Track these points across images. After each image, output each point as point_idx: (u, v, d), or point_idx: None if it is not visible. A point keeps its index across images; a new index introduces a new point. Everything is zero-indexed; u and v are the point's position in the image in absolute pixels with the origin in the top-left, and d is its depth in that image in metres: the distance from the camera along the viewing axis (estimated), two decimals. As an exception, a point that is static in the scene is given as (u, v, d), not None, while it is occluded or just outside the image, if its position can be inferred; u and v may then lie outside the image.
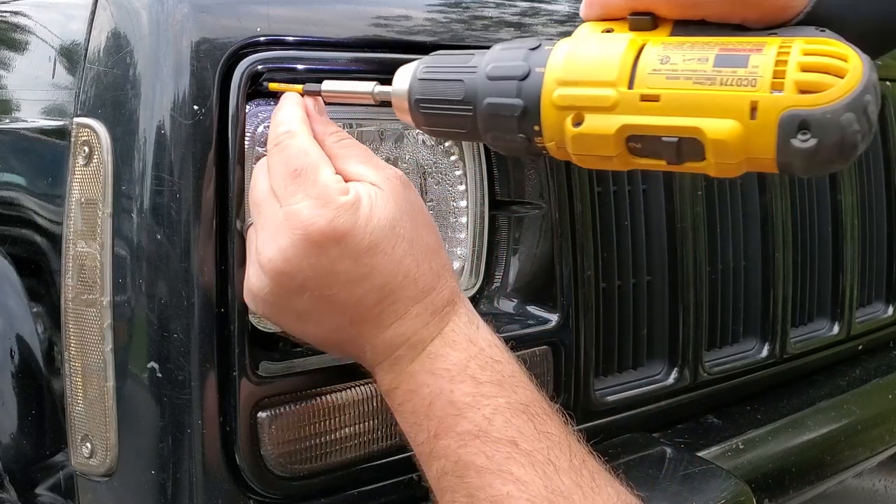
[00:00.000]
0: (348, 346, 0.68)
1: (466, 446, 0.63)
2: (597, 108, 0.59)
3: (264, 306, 0.67)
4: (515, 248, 0.90)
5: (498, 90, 0.63)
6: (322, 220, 0.63)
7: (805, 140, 0.52)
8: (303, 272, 0.64)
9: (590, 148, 0.61)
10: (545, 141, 0.63)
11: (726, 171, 0.57)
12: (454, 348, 0.66)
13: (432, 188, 0.86)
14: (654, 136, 0.58)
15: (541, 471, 0.61)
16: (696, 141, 0.56)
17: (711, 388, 1.06)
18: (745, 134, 0.54)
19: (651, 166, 0.60)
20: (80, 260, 0.72)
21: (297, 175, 0.64)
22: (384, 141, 0.83)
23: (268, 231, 0.65)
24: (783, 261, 1.13)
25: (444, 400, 0.64)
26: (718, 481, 0.89)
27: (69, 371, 0.73)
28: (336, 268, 0.64)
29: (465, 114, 0.65)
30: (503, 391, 0.65)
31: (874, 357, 1.34)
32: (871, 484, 1.27)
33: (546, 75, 0.61)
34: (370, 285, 0.65)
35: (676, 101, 0.56)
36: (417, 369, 0.66)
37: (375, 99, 0.70)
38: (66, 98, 0.77)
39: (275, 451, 0.71)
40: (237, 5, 0.72)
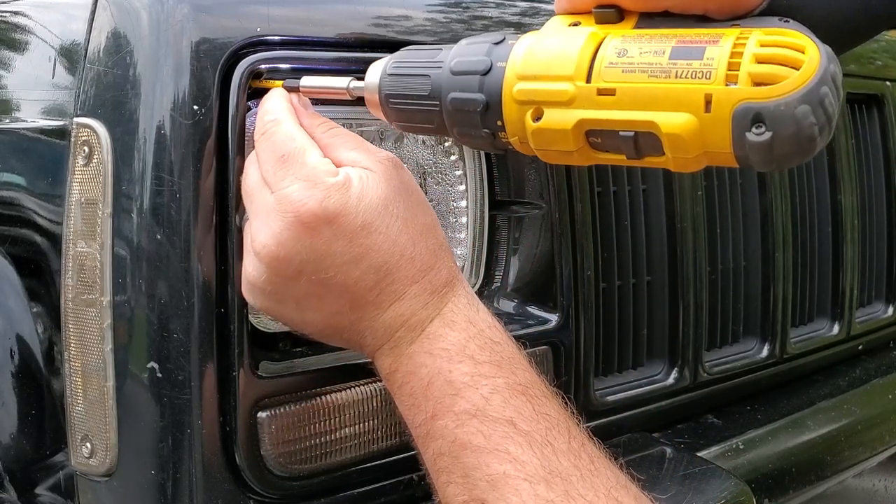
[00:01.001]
0: (349, 332, 0.68)
1: (463, 426, 0.62)
2: (555, 103, 0.59)
3: (262, 297, 0.67)
4: (515, 248, 0.90)
5: (461, 85, 0.63)
6: (312, 200, 0.63)
7: (760, 133, 0.51)
8: (298, 255, 0.63)
9: (550, 143, 0.60)
10: (508, 136, 0.62)
11: (685, 165, 0.56)
12: (453, 329, 0.66)
13: (432, 188, 0.86)
14: (612, 130, 0.57)
15: (538, 451, 0.61)
16: (653, 135, 0.55)
17: (711, 388, 1.06)
18: (700, 128, 0.53)
19: (612, 161, 0.60)
20: (80, 260, 0.72)
21: (285, 160, 0.65)
22: (384, 141, 0.83)
23: (260, 218, 0.65)
24: (783, 261, 1.13)
25: (442, 380, 0.64)
26: (718, 481, 0.89)
27: (69, 371, 0.73)
28: (331, 249, 0.63)
29: (431, 109, 0.65)
30: (502, 372, 0.65)
31: (874, 357, 1.34)
32: (871, 484, 1.27)
33: (507, 70, 0.61)
34: (367, 266, 0.64)
35: (632, 95, 0.56)
36: (416, 350, 0.66)
37: (350, 94, 0.70)
38: (66, 98, 0.77)
39: (275, 450, 0.71)
40: (237, 5, 0.72)
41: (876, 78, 1.36)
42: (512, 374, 0.65)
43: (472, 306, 0.68)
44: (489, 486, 0.60)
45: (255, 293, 0.67)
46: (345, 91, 0.70)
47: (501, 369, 0.65)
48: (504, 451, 0.61)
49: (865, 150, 1.35)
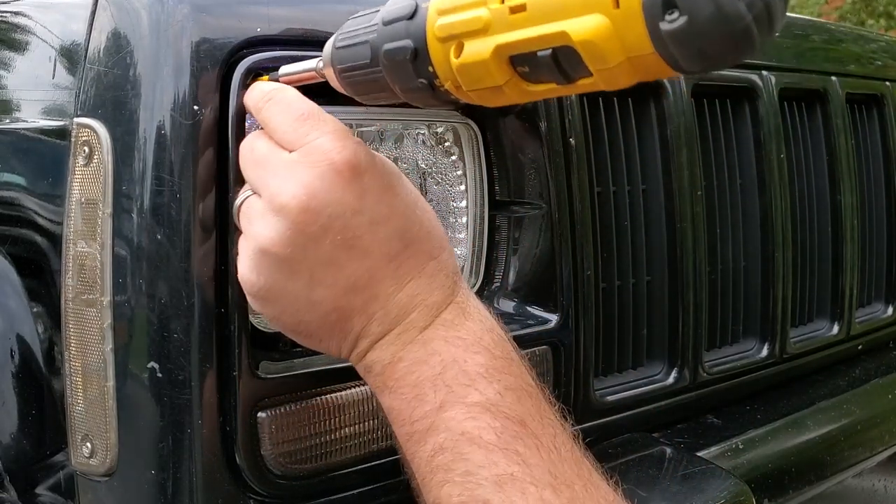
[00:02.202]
0: (356, 318, 0.64)
1: (475, 419, 0.60)
2: (473, 33, 0.55)
3: (274, 267, 0.62)
4: (515, 248, 0.90)
5: (391, 34, 0.60)
6: (347, 150, 0.61)
7: (673, 20, 0.45)
8: (328, 208, 0.60)
9: (477, 80, 0.56)
10: (443, 82, 0.58)
11: (613, 79, 0.51)
12: (468, 318, 0.64)
13: (432, 188, 0.86)
14: (531, 52, 0.52)
15: (546, 456, 0.59)
16: (571, 50, 0.50)
17: (711, 388, 1.06)
18: (614, 28, 0.48)
19: (546, 93, 0.56)
20: (80, 260, 0.72)
21: (306, 117, 0.63)
22: (384, 141, 0.83)
23: (281, 175, 0.62)
24: (783, 261, 1.13)
25: (458, 369, 0.61)
26: (718, 481, 0.89)
27: (69, 371, 0.73)
28: (361, 204, 0.61)
29: (378, 75, 0.62)
30: (514, 370, 0.63)
31: (874, 357, 1.34)
32: (871, 484, 1.27)
33: (430, 8, 0.57)
34: (393, 227, 0.62)
35: (541, 7, 0.51)
36: (431, 336, 0.63)
37: (319, 75, 0.67)
38: (67, 98, 0.77)
39: (275, 450, 0.71)
40: (237, 5, 0.72)
41: (876, 78, 1.36)
42: (522, 375, 0.64)
43: (478, 299, 0.67)
44: (495, 487, 0.58)
45: (266, 263, 0.63)
46: (314, 73, 0.67)
47: (513, 367, 0.63)
48: (514, 451, 0.59)
49: (865, 150, 1.35)
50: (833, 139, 1.24)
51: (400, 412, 0.64)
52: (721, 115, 1.10)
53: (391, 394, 0.64)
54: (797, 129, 1.21)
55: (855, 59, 1.35)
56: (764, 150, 1.11)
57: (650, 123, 0.99)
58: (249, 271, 0.64)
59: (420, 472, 0.62)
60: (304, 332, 0.66)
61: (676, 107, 1.00)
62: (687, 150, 1.01)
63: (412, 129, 0.85)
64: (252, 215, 0.64)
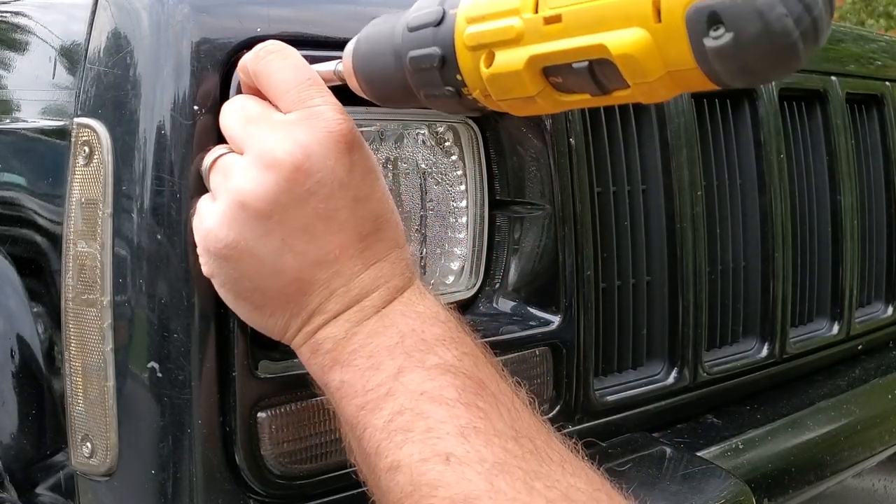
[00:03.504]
0: (315, 292, 0.63)
1: (435, 380, 0.60)
2: (505, 42, 0.54)
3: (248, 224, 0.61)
4: (515, 249, 0.90)
5: (417, 41, 0.59)
6: (347, 123, 0.62)
7: (718, 37, 0.44)
8: (319, 173, 0.60)
9: (508, 90, 0.55)
10: (471, 90, 0.58)
11: (652, 93, 0.50)
12: (425, 298, 0.65)
13: (432, 188, 0.86)
14: (565, 63, 0.51)
15: (506, 413, 0.60)
16: (608, 63, 0.49)
17: (711, 388, 1.06)
18: (655, 42, 0.47)
19: (579, 103, 0.55)
20: (80, 260, 0.72)
21: (310, 82, 0.63)
22: (384, 141, 0.83)
23: (278, 132, 0.61)
24: (783, 261, 1.13)
25: (416, 338, 0.62)
26: (718, 481, 0.89)
27: (69, 371, 0.73)
28: (348, 178, 0.62)
29: (402, 82, 0.62)
30: (468, 341, 0.64)
31: (874, 357, 1.34)
32: (871, 484, 1.27)
33: (458, 15, 0.56)
34: (370, 209, 0.63)
35: (578, 18, 0.50)
36: (388, 311, 0.63)
37: (338, 77, 0.66)
38: (67, 98, 0.77)
39: (274, 450, 0.71)
40: (237, 6, 0.72)
41: (876, 78, 1.36)
42: (477, 346, 0.64)
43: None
44: (458, 439, 0.57)
45: (241, 218, 0.61)
46: (332, 75, 0.67)
47: (467, 340, 0.64)
48: (475, 406, 0.59)
49: (865, 150, 1.35)
50: (833, 139, 1.24)
51: (352, 385, 0.62)
52: (721, 115, 1.10)
53: (343, 368, 0.63)
54: (797, 130, 1.21)
55: (855, 59, 1.35)
56: (764, 150, 1.11)
57: (650, 123, 0.99)
58: (220, 225, 0.62)
59: (373, 442, 0.60)
60: (255, 303, 0.64)
61: (676, 107, 1.00)
62: (687, 150, 1.01)
63: (412, 129, 0.85)
64: (232, 170, 0.63)
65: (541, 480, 0.56)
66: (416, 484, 0.57)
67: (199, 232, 0.64)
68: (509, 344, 0.84)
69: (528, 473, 0.56)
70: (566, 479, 0.57)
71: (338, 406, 0.64)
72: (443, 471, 0.56)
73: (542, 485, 0.56)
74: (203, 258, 0.65)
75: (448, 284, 0.88)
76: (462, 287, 0.88)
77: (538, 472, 0.57)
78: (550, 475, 0.57)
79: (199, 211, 0.65)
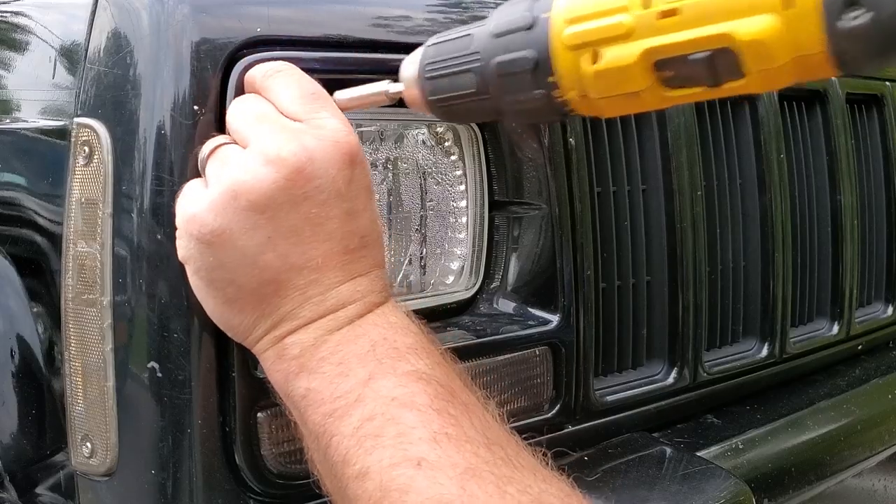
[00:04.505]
0: (293, 294, 0.62)
1: (406, 386, 0.59)
2: (614, 39, 0.55)
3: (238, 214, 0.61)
4: (515, 248, 0.90)
5: (505, 46, 0.60)
6: (352, 137, 0.63)
7: (856, 17, 0.44)
8: (319, 179, 0.61)
9: (614, 86, 0.56)
10: (565, 92, 0.58)
11: (772, 80, 0.51)
12: (397, 313, 0.65)
13: (432, 188, 0.86)
14: (682, 55, 0.52)
15: (478, 419, 0.60)
16: (729, 52, 0.50)
17: (711, 388, 1.06)
18: (785, 27, 0.48)
19: (687, 98, 0.56)
20: (80, 260, 0.72)
21: (316, 97, 0.65)
22: (384, 141, 0.83)
23: (286, 134, 0.62)
24: (783, 261, 1.13)
25: (387, 346, 0.62)
26: (718, 481, 0.89)
27: (69, 371, 0.73)
28: (345, 191, 0.62)
29: (484, 101, 0.63)
30: (440, 355, 0.64)
31: (874, 357, 1.34)
32: (871, 484, 1.27)
33: (552, 18, 0.58)
34: (360, 224, 0.64)
35: (698, 10, 0.51)
36: (360, 322, 0.63)
37: (390, 98, 0.68)
38: (67, 98, 0.77)
39: (274, 450, 0.71)
40: (237, 6, 0.72)
41: (876, 78, 1.36)
42: (449, 361, 0.65)
43: None
44: (430, 444, 0.57)
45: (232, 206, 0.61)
46: (383, 96, 0.68)
47: (440, 352, 0.64)
48: (447, 412, 0.59)
49: (865, 150, 1.35)
50: (833, 139, 1.24)
51: (319, 392, 0.61)
52: (721, 116, 1.10)
53: (310, 374, 0.62)
54: (797, 130, 1.21)
55: (855, 59, 1.35)
56: (764, 150, 1.11)
57: (650, 123, 0.99)
58: (207, 210, 0.61)
59: (340, 449, 0.59)
60: (227, 295, 0.63)
61: (676, 107, 1.00)
62: (687, 150, 1.01)
63: (412, 129, 0.85)
64: (232, 160, 0.63)
65: (513, 485, 0.56)
66: (385, 490, 0.56)
67: (184, 215, 0.63)
68: (509, 344, 0.84)
69: (501, 479, 0.56)
70: (538, 485, 0.57)
71: (302, 415, 0.62)
72: (414, 475, 0.56)
73: (514, 489, 0.56)
74: (181, 241, 0.64)
75: (448, 284, 0.88)
76: (462, 287, 0.88)
77: (510, 478, 0.56)
78: (522, 480, 0.57)
79: (187, 193, 0.64)
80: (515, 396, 0.86)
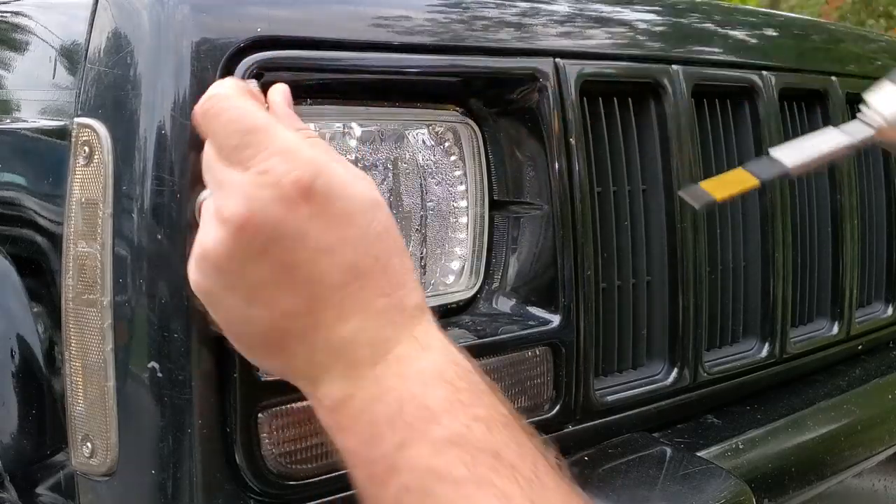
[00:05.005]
0: (296, 343, 0.60)
1: (441, 454, 0.55)
2: None
3: (213, 276, 0.60)
4: (515, 248, 0.90)
5: None
6: (297, 171, 0.58)
7: None
8: (269, 230, 0.57)
9: None
10: None
11: None
12: (427, 351, 0.60)
13: (432, 188, 0.86)
14: None
15: (526, 485, 0.55)
16: None
17: (711, 388, 1.06)
18: None
19: None
20: (80, 260, 0.72)
21: (254, 133, 0.59)
22: (384, 141, 0.83)
23: (226, 189, 0.59)
24: (783, 261, 1.13)
25: (417, 404, 0.57)
26: (718, 481, 0.89)
27: (69, 371, 0.73)
28: (305, 229, 0.58)
29: None
30: (482, 401, 0.59)
31: (874, 357, 1.34)
32: (871, 484, 1.27)
33: None
34: (337, 260, 0.59)
35: None
36: (383, 373, 0.58)
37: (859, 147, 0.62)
38: (67, 98, 0.77)
39: (274, 451, 0.71)
40: (237, 6, 0.72)
41: (876, 78, 1.36)
42: (493, 405, 0.59)
43: (444, 333, 0.62)
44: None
45: (206, 268, 0.60)
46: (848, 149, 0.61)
47: (481, 398, 0.59)
48: (489, 482, 0.54)
49: (865, 151, 1.35)
50: (833, 139, 1.24)
51: (356, 453, 0.59)
52: (721, 115, 1.10)
53: (346, 435, 0.60)
54: (797, 129, 1.21)
55: (855, 59, 1.35)
56: (764, 150, 1.11)
57: (650, 123, 0.99)
58: (193, 270, 0.62)
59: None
60: (245, 344, 0.63)
61: (676, 107, 1.00)
62: (687, 150, 1.01)
63: (412, 129, 0.85)
64: (205, 216, 0.62)
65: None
66: None
67: None
68: (509, 344, 0.84)
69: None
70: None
71: (350, 469, 0.61)
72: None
73: None
74: None
75: (448, 284, 0.88)
76: (462, 287, 0.88)
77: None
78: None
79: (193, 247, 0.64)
80: (515, 396, 0.86)
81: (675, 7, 1.12)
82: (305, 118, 0.78)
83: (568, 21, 0.95)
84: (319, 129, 0.79)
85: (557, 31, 0.93)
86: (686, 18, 1.11)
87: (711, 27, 1.13)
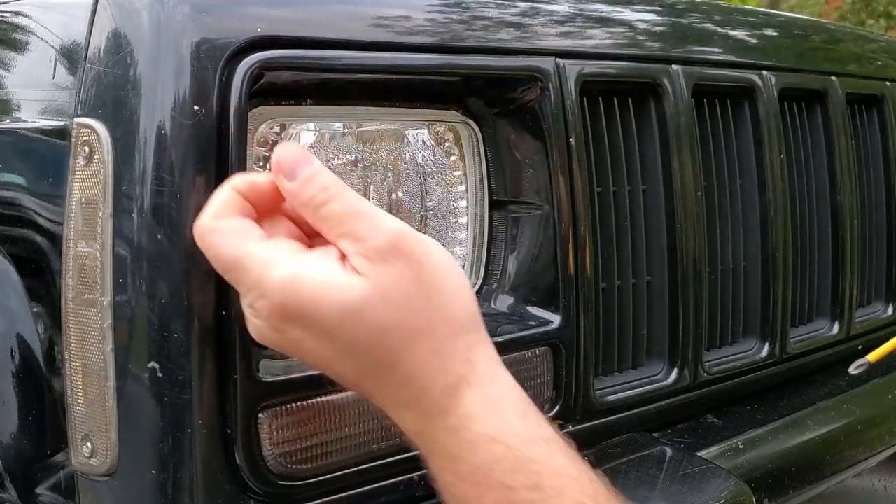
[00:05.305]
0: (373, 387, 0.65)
1: None
2: None
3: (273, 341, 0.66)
4: (514, 248, 0.90)
5: None
6: (269, 305, 0.61)
7: None
8: (276, 345, 0.65)
9: None
10: None
11: None
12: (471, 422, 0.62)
13: (432, 188, 0.86)
14: None
15: None
16: None
17: (711, 388, 1.06)
18: None
19: None
20: (80, 260, 0.72)
21: (231, 272, 0.63)
22: (384, 141, 0.83)
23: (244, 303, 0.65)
24: (783, 261, 1.13)
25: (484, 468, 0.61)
26: (718, 481, 0.89)
27: (69, 371, 0.73)
28: (305, 344, 0.63)
29: None
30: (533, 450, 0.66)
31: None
32: (871, 484, 1.27)
33: None
34: (342, 368, 0.63)
35: None
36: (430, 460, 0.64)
37: None
38: (67, 98, 0.77)
39: (275, 451, 0.71)
40: (237, 6, 0.72)
41: (876, 78, 1.36)
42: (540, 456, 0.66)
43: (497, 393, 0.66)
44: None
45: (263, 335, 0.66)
46: None
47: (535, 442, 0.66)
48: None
49: (865, 150, 1.35)
50: (833, 139, 1.24)
51: None
52: (721, 115, 1.10)
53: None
54: (797, 129, 1.21)
55: (855, 59, 1.35)
56: (764, 150, 1.11)
57: (650, 123, 0.99)
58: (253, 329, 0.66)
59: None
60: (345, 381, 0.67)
61: (676, 107, 1.00)
62: (687, 150, 1.01)
63: (412, 129, 0.85)
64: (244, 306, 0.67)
65: None
66: None
67: None
68: (509, 344, 0.84)
69: None
70: None
71: None
72: None
73: None
74: None
75: (448, 284, 0.88)
76: (462, 287, 0.88)
77: None
78: None
79: None
80: (515, 396, 0.86)
81: (675, 7, 1.12)
82: (306, 118, 0.78)
83: (568, 21, 0.95)
84: (319, 129, 0.79)
85: (557, 31, 0.93)
86: (686, 18, 1.11)
87: (711, 27, 1.13)
